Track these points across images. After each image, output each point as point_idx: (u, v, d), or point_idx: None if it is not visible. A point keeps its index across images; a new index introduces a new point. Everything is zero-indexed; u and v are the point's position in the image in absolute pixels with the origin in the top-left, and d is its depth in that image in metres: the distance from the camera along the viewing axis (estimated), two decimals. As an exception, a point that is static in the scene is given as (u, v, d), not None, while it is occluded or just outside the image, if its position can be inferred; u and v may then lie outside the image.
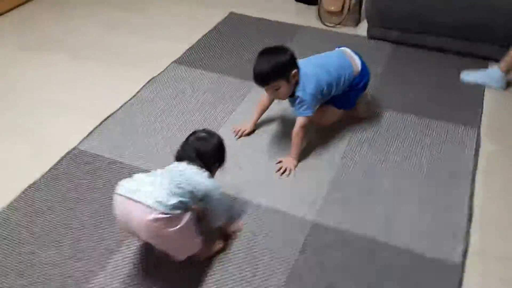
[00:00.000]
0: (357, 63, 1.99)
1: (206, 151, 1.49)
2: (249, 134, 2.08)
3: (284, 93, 1.85)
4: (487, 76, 2.40)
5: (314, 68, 1.89)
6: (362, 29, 2.86)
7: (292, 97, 1.89)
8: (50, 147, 2.03)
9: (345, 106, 2.07)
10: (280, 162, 1.94)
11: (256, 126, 2.11)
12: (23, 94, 2.39)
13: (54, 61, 2.65)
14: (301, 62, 1.88)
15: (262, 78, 1.81)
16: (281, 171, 1.90)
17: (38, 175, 1.89)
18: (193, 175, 1.41)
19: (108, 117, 2.20)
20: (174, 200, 1.31)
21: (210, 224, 1.53)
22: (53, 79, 2.50)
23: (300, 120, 1.88)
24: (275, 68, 1.78)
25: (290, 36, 2.81)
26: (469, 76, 2.45)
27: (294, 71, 1.82)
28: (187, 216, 1.35)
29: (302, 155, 1.97)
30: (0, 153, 2.03)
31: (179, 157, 1.49)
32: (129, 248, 1.61)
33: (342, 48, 2.06)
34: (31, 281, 1.51)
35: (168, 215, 1.29)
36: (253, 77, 1.82)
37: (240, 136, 2.06)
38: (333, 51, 2.04)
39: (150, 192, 1.31)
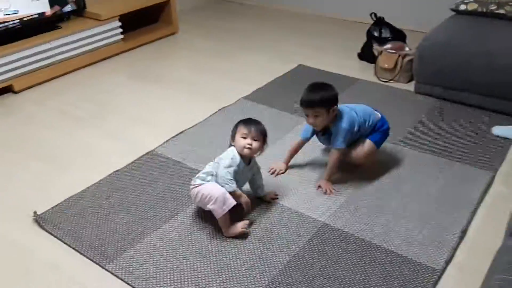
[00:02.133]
0: (377, 113, 2.39)
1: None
2: (283, 173, 2.45)
3: (322, 121, 2.24)
4: (516, 131, 2.63)
5: (348, 109, 2.31)
6: (412, 85, 3.22)
7: (326, 133, 2.31)
8: (135, 148, 2.63)
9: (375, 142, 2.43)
10: (320, 186, 2.31)
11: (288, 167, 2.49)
12: (124, 109, 3.08)
13: (149, 88, 3.35)
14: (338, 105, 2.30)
15: (309, 103, 2.21)
16: (324, 192, 2.27)
17: (122, 165, 2.48)
18: (223, 156, 2.04)
19: (181, 132, 2.77)
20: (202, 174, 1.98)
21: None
22: (145, 102, 3.17)
23: (336, 152, 2.26)
24: (322, 98, 2.18)
25: (347, 86, 3.25)
26: (500, 130, 2.69)
27: (335, 107, 2.24)
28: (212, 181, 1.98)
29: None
30: (98, 147, 2.67)
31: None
32: (176, 221, 2.09)
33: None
34: (102, 231, 2.05)
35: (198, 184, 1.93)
36: (300, 101, 2.23)
37: (277, 175, 2.42)
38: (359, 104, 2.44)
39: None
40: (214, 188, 1.97)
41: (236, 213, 2.01)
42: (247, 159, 2.08)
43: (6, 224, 2.14)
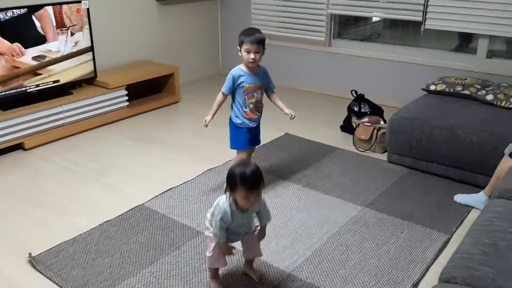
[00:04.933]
0: None
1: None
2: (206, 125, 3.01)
3: (259, 59, 2.79)
4: (475, 199, 2.86)
5: None
6: (386, 155, 3.51)
7: (256, 74, 2.89)
8: (127, 201, 2.91)
9: None
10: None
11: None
12: (123, 167, 3.39)
13: (148, 150, 3.68)
14: None
15: (258, 40, 2.74)
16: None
17: (113, 216, 2.75)
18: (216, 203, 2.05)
19: (169, 189, 3.06)
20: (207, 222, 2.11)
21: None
22: (143, 161, 3.49)
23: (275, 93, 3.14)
24: (264, 38, 2.78)
25: (328, 154, 3.56)
26: (461, 198, 2.93)
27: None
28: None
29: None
30: (94, 200, 2.95)
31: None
32: (154, 267, 2.32)
33: None
34: (88, 273, 2.27)
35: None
36: (247, 39, 2.72)
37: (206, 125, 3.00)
38: None
39: None
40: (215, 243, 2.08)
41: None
42: (245, 208, 1.99)
43: (3, 261, 2.38)
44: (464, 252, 1.82)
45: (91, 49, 4.06)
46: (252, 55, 2.71)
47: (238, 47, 2.77)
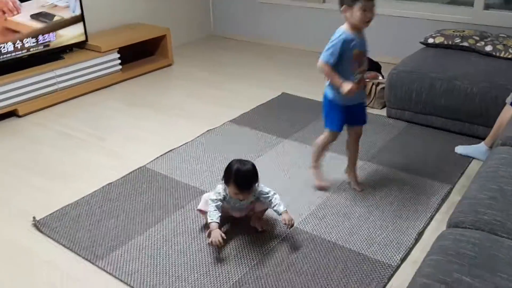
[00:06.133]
0: None
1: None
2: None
3: None
4: (475, 150, 2.87)
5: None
6: (385, 111, 3.49)
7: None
8: (127, 164, 2.88)
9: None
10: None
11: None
12: (121, 131, 3.34)
13: (144, 113, 3.63)
14: None
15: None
16: None
17: (114, 178, 2.73)
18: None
19: (170, 150, 3.03)
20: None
21: None
22: (140, 125, 3.44)
23: None
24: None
25: (325, 112, 3.54)
26: (462, 149, 2.94)
27: None
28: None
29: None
30: (94, 164, 2.92)
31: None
32: (160, 226, 2.32)
33: None
34: (94, 234, 2.28)
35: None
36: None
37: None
38: None
39: None
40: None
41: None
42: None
43: (8, 227, 2.37)
44: (472, 197, 1.83)
45: (80, 11, 3.95)
46: (369, 14, 2.23)
47: (344, 6, 2.25)
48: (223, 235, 2.08)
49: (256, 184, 2.18)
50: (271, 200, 2.20)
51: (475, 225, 1.69)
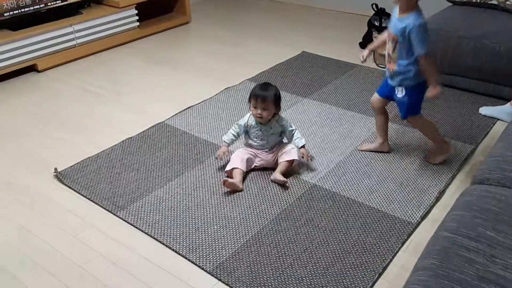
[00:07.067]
0: None
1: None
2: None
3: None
4: (500, 111, 2.80)
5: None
6: (408, 71, 3.41)
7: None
8: (146, 120, 2.88)
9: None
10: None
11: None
12: (139, 88, 3.33)
13: (162, 71, 3.60)
14: None
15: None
16: None
17: (134, 133, 2.73)
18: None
19: (188, 107, 3.01)
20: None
21: None
22: (158, 82, 3.42)
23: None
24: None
25: (347, 71, 3.47)
26: (486, 110, 2.87)
27: None
28: None
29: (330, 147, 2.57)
30: (114, 119, 2.93)
31: None
32: (180, 179, 2.33)
33: None
34: (114, 186, 2.29)
35: None
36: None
37: None
38: None
39: None
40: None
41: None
42: (258, 119, 2.33)
43: (30, 178, 2.40)
44: (498, 155, 1.79)
45: (97, -35, 3.88)
46: None
47: None
48: (227, 152, 2.37)
49: (276, 108, 2.33)
50: (293, 133, 2.37)
51: (501, 182, 1.66)
